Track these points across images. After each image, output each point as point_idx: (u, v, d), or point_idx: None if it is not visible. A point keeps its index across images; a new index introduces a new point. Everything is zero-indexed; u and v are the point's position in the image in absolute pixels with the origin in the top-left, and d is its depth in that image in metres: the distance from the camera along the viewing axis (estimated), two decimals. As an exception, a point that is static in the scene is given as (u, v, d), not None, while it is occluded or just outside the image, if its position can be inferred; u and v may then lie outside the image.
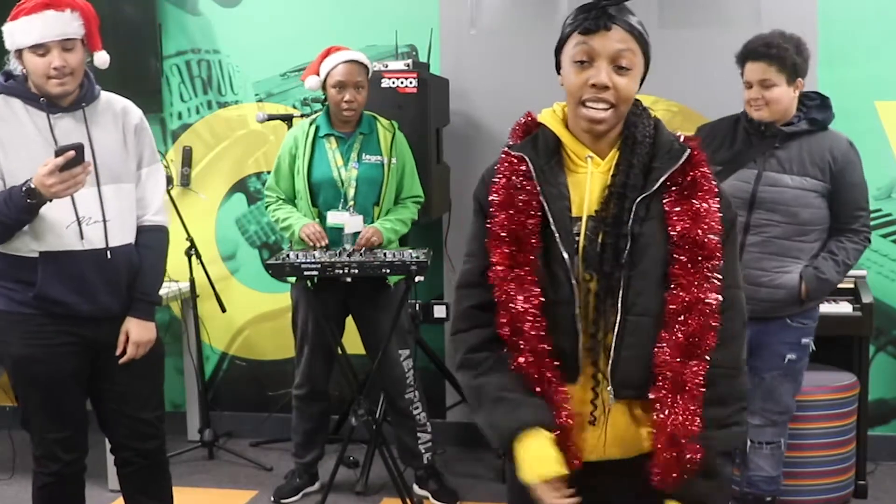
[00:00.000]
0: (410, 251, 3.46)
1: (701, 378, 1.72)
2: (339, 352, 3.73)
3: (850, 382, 3.66)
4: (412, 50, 4.39)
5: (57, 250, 2.67)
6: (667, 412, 1.71)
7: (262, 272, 4.40)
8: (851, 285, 3.76)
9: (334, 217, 3.64)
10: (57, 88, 2.65)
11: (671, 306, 1.72)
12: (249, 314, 4.71)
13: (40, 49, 2.62)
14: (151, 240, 2.87)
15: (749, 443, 3.34)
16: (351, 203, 3.64)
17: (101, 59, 2.81)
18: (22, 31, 2.62)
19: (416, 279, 3.38)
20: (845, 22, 4.08)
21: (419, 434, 3.86)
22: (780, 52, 3.01)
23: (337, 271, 3.34)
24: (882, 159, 4.09)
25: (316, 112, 3.97)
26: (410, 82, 3.86)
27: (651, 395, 1.73)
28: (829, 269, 3.10)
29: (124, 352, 2.79)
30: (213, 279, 4.39)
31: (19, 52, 2.66)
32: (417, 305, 4.28)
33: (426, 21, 4.33)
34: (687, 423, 1.71)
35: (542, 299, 1.74)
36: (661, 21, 4.19)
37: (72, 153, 2.48)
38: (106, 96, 2.83)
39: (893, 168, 4.10)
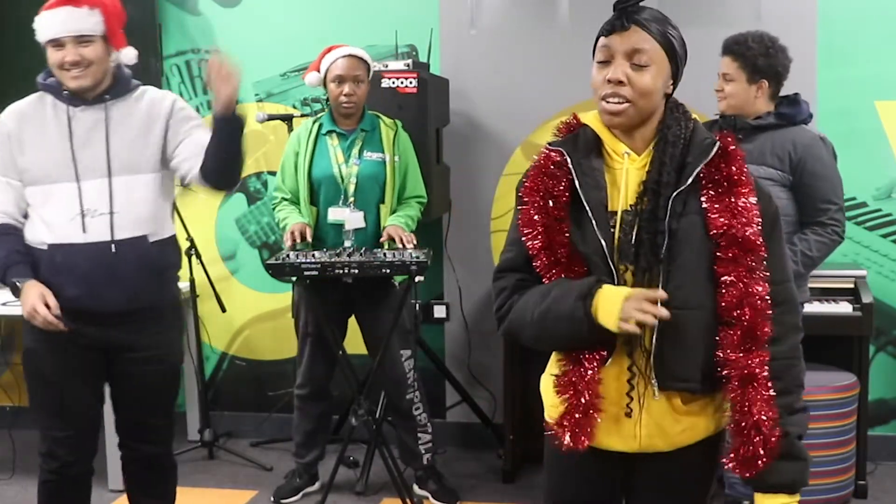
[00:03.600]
0: (410, 251, 3.45)
1: (766, 366, 1.78)
2: (339, 352, 3.72)
3: (850, 382, 3.66)
4: (412, 50, 4.39)
5: (61, 243, 2.68)
6: (746, 406, 1.76)
7: (262, 272, 4.39)
8: (851, 285, 3.76)
9: (334, 213, 3.64)
10: (72, 82, 2.68)
11: (724, 303, 1.77)
12: (249, 314, 4.71)
13: (56, 44, 2.67)
14: None
15: None
16: (351, 200, 3.64)
17: (128, 55, 2.83)
18: (42, 25, 2.69)
19: (417, 279, 3.38)
20: (845, 21, 4.08)
21: (419, 434, 3.86)
22: (743, 51, 3.15)
23: (337, 271, 3.33)
24: (882, 159, 4.09)
25: (316, 112, 3.99)
26: (410, 82, 3.86)
27: (726, 395, 1.80)
28: None
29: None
30: (213, 279, 4.40)
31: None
32: (417, 305, 4.28)
33: (426, 21, 4.33)
34: (764, 410, 1.76)
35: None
36: (661, 21, 4.19)
37: (64, 329, 2.63)
38: (144, 90, 2.84)
39: (893, 168, 4.10)
